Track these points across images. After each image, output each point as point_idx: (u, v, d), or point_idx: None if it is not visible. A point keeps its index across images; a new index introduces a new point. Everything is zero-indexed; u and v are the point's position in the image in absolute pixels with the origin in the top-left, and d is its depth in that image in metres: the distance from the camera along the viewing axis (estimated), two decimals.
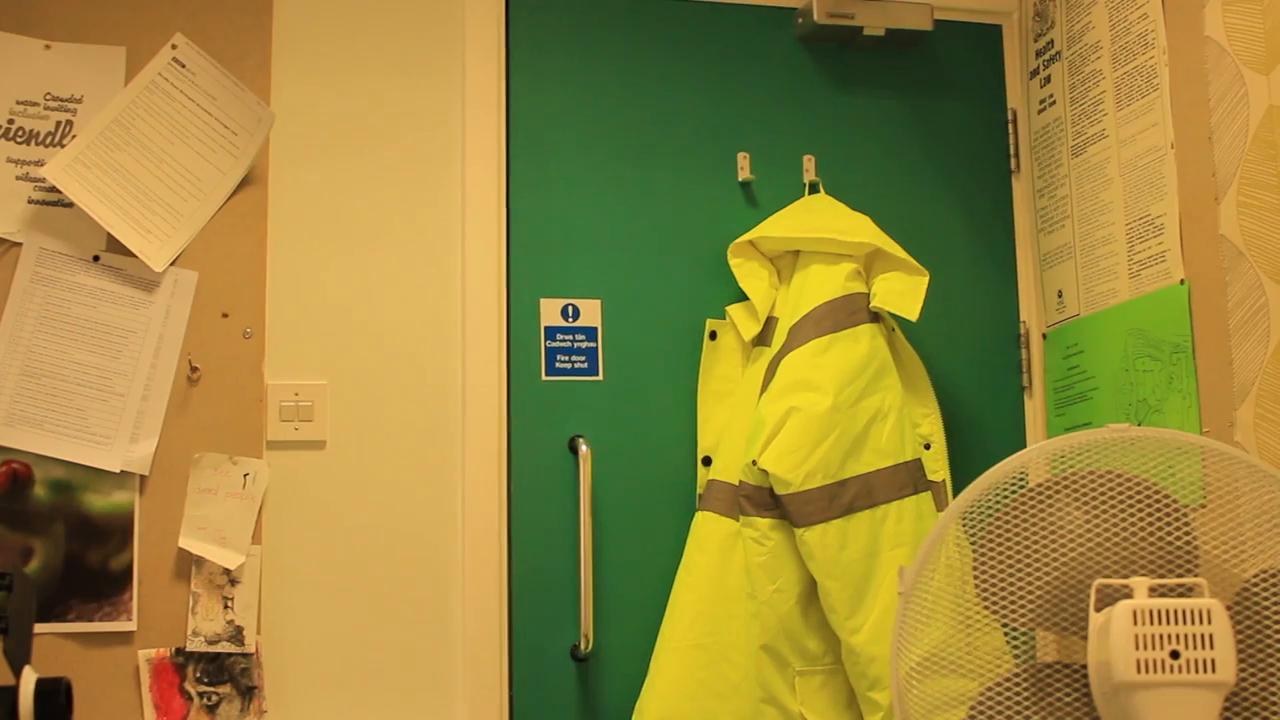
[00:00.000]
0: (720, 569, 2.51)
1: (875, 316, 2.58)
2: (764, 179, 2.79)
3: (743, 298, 2.67)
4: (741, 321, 2.65)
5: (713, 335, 2.69)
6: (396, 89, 2.75)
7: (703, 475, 2.63)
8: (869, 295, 2.57)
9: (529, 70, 2.74)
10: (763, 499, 2.49)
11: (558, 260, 2.72)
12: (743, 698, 2.47)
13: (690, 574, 2.53)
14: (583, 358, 2.69)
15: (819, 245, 2.61)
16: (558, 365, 2.68)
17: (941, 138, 2.87)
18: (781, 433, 2.46)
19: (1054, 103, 2.72)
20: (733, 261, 2.66)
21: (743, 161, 2.78)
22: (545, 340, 2.68)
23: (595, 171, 2.74)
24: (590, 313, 2.70)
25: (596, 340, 2.70)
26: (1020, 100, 2.88)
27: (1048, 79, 2.76)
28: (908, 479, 2.50)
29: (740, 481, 2.52)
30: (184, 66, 2.67)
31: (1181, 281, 2.26)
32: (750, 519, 2.50)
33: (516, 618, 2.59)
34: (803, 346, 2.52)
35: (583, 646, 2.53)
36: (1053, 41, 2.72)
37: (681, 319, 2.72)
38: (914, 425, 2.57)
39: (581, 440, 2.61)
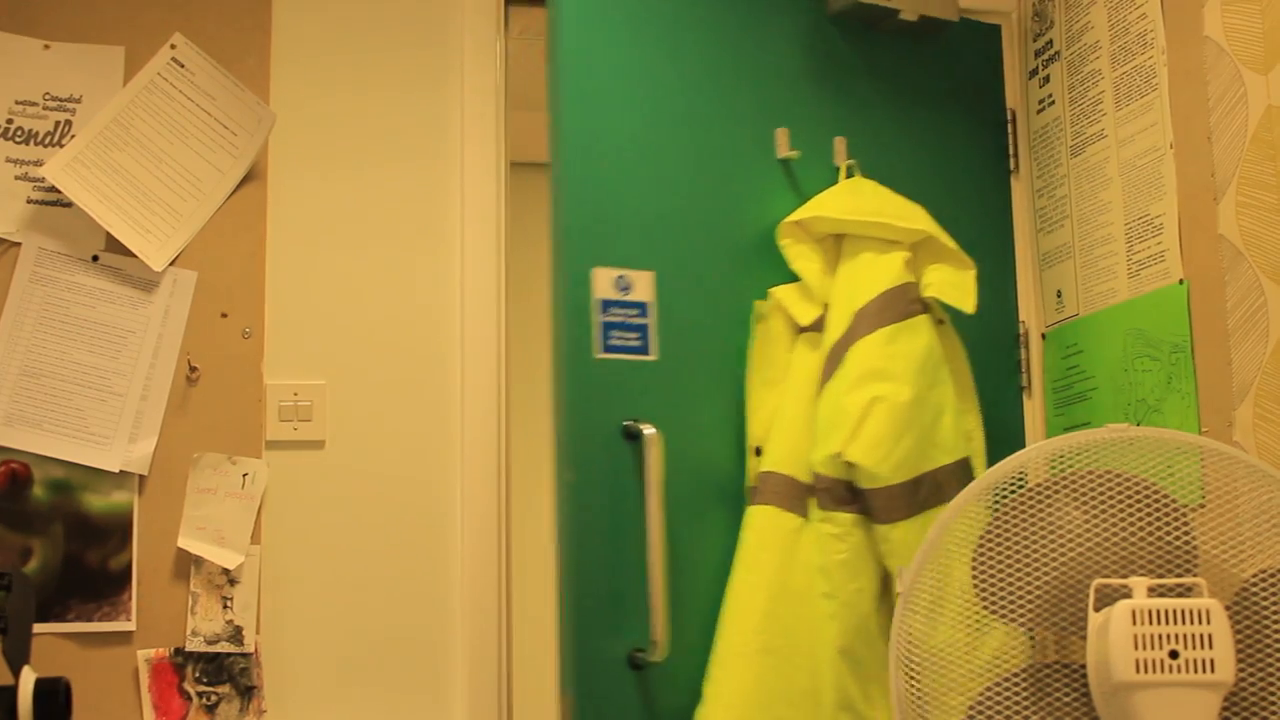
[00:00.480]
0: (786, 568, 2.34)
1: (925, 307, 2.46)
2: (799, 158, 2.62)
3: (781, 280, 2.52)
4: (793, 304, 2.48)
5: (762, 318, 2.51)
6: (396, 88, 2.75)
7: (753, 467, 2.45)
8: (919, 286, 2.47)
9: (580, 37, 2.49)
10: (841, 493, 2.34)
11: (610, 228, 2.45)
12: (815, 704, 2.31)
13: (755, 573, 2.34)
14: (635, 335, 2.44)
15: (872, 230, 2.49)
16: (612, 343, 2.41)
17: (943, 134, 2.85)
18: (868, 423, 2.32)
19: (1053, 102, 2.72)
20: (783, 242, 2.51)
21: (781, 138, 2.61)
22: (600, 314, 2.41)
23: (640, 138, 2.51)
24: (643, 286, 2.45)
25: (649, 316, 2.45)
26: (1019, 100, 2.88)
27: (1046, 79, 2.75)
28: (964, 476, 2.38)
29: (817, 474, 2.36)
30: (183, 66, 2.67)
31: (1180, 281, 2.26)
32: (830, 514, 2.34)
33: (567, 621, 2.32)
34: (871, 335, 2.39)
35: (653, 654, 2.28)
36: (1051, 41, 2.72)
37: (728, 298, 2.53)
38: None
39: (644, 425, 2.36)
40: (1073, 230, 2.64)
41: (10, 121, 2.59)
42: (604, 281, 2.42)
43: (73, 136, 2.59)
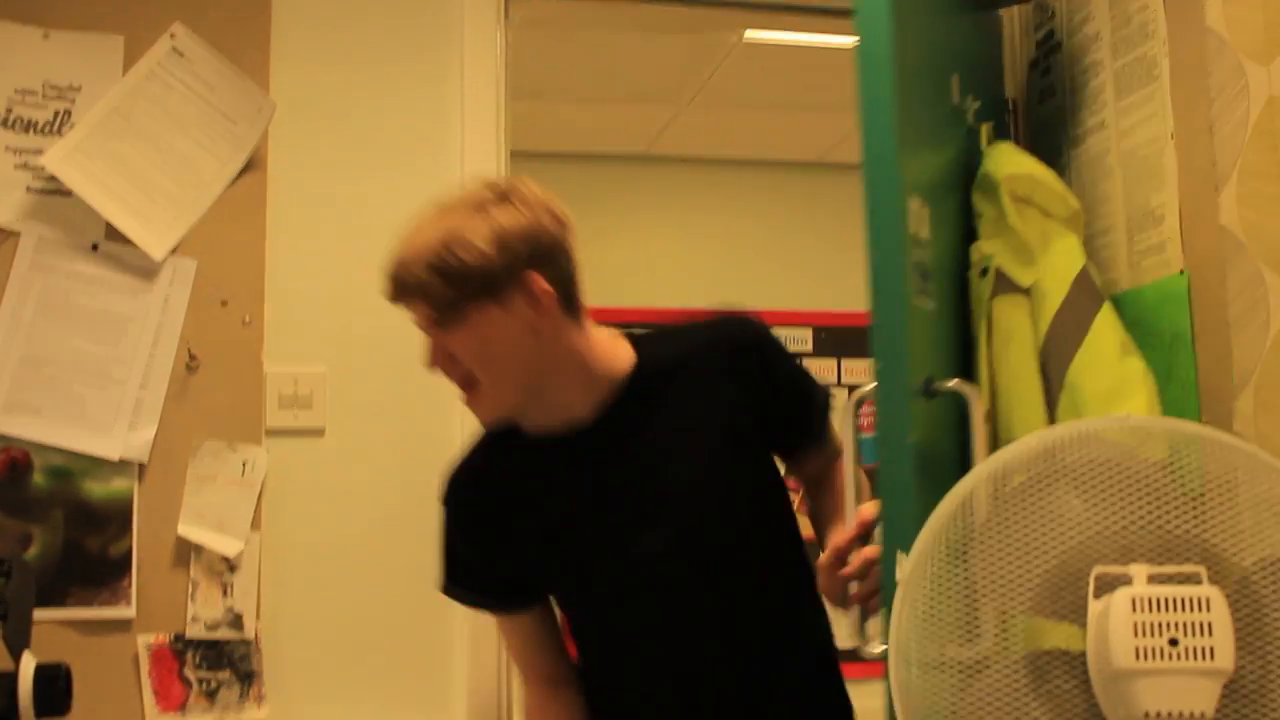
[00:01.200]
0: None
1: None
2: (951, 110, 2.32)
3: (962, 234, 2.27)
4: (1011, 263, 2.26)
5: (983, 272, 2.24)
6: (396, 77, 2.76)
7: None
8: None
9: None
10: None
11: (904, 155, 1.96)
12: None
13: None
14: (926, 280, 2.04)
15: (1050, 198, 2.35)
16: (921, 287, 1.99)
17: None
18: (1153, 392, 2.18)
19: (1054, 93, 2.72)
20: (1011, 194, 2.29)
21: (955, 85, 2.32)
22: (914, 252, 1.97)
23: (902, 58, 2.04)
24: (925, 223, 2.04)
25: (930, 260, 2.06)
26: (1020, 91, 2.88)
27: (1048, 69, 2.75)
28: None
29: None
30: (183, 55, 2.67)
31: (1181, 272, 2.26)
32: None
33: (910, 616, 1.70)
34: (1105, 304, 2.27)
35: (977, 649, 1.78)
36: (1053, 32, 2.72)
37: (939, 249, 2.15)
38: None
39: (959, 383, 1.99)
40: None
41: (10, 110, 2.59)
42: (915, 213, 2.00)
43: (72, 125, 2.59)
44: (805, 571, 2.16)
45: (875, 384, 1.90)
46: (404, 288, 2.01)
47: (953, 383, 1.99)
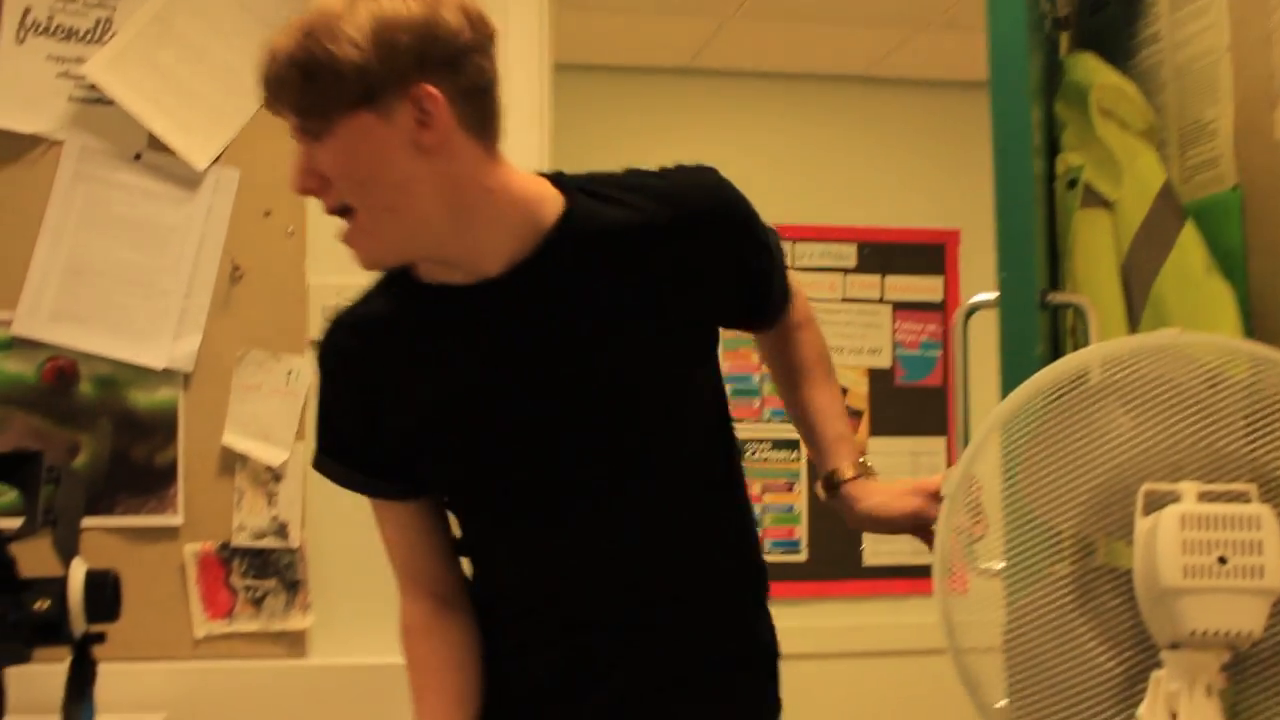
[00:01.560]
0: None
1: None
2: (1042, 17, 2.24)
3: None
4: (1099, 178, 2.17)
5: (1070, 184, 2.15)
6: None
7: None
8: None
9: None
10: None
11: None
12: None
13: None
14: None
15: (1131, 109, 2.29)
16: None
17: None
18: (1239, 317, 2.12)
19: (1107, 4, 2.67)
20: (1098, 105, 2.23)
21: None
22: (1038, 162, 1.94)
23: None
24: (1037, 126, 2.01)
25: None
26: (1072, 3, 2.83)
27: None
28: None
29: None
30: None
31: (1234, 187, 2.23)
32: None
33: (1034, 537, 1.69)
34: (1188, 220, 2.19)
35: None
36: None
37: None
38: None
39: (1077, 295, 1.92)
40: None
41: (51, 18, 2.58)
42: (1037, 123, 1.90)
43: (113, 34, 2.58)
44: (739, 474, 1.93)
45: (997, 294, 1.85)
46: (267, 88, 1.67)
47: (1070, 295, 1.91)
